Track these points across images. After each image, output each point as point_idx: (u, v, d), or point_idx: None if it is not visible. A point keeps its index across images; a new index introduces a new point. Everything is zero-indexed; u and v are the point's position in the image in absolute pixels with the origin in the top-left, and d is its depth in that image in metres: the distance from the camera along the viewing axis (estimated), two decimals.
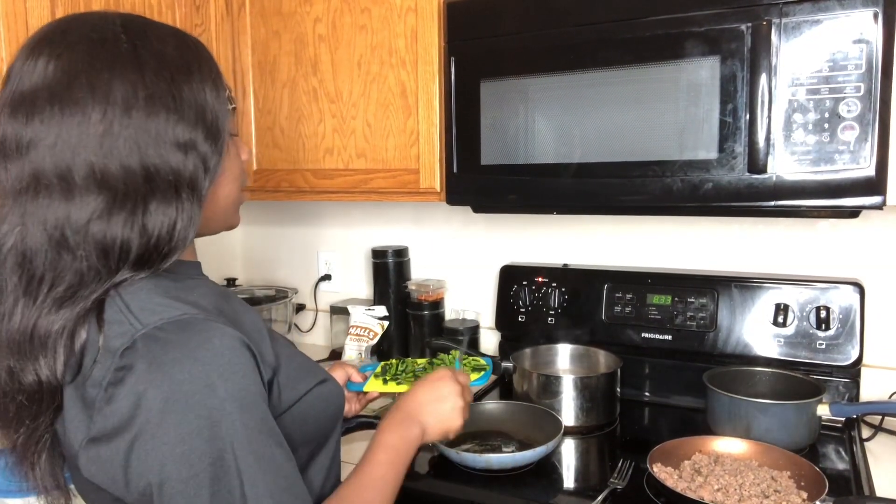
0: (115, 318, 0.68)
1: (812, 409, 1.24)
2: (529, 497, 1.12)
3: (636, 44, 1.22)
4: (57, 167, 0.67)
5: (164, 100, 0.70)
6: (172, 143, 0.71)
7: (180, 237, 0.72)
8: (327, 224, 2.06)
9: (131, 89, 0.69)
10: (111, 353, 0.66)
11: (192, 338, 0.66)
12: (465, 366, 1.32)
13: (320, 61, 1.59)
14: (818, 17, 1.09)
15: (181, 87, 0.72)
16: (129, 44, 0.70)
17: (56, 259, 0.68)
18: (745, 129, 1.15)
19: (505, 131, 1.36)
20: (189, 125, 0.72)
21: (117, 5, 1.40)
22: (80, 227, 0.68)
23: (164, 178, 0.70)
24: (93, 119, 0.67)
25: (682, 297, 1.49)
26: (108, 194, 0.68)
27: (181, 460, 0.63)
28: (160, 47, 0.72)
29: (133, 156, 0.68)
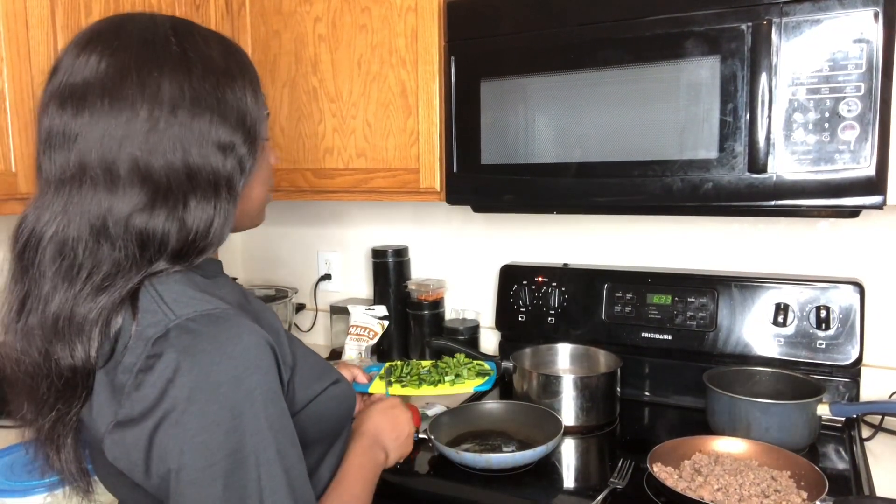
0: (149, 307, 0.70)
1: (812, 409, 1.24)
2: (529, 497, 1.12)
3: (636, 43, 1.22)
4: (103, 160, 0.70)
5: (208, 102, 0.73)
6: (214, 144, 0.74)
7: (216, 234, 0.75)
8: (327, 224, 2.06)
9: (178, 90, 0.72)
10: (143, 341, 0.68)
11: (222, 332, 0.68)
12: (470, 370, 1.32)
13: (320, 61, 1.59)
14: (818, 17, 1.09)
15: (225, 90, 0.75)
16: (179, 46, 0.74)
17: (96, 248, 0.71)
18: (745, 129, 1.15)
19: (505, 131, 1.36)
20: (230, 128, 0.75)
21: (117, 5, 1.40)
22: (122, 219, 0.70)
23: (204, 176, 0.73)
24: (140, 116, 0.70)
25: (682, 297, 1.49)
26: (150, 189, 0.71)
27: (200, 449, 0.65)
28: (207, 51, 0.76)
29: (177, 153, 0.72)
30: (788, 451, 1.15)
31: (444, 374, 1.30)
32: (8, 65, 1.21)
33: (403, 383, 1.27)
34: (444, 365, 1.33)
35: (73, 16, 1.31)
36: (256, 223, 0.89)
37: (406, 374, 1.31)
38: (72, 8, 1.31)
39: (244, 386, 0.66)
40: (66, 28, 1.30)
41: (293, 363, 0.78)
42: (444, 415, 1.34)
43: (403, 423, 1.03)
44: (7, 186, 1.22)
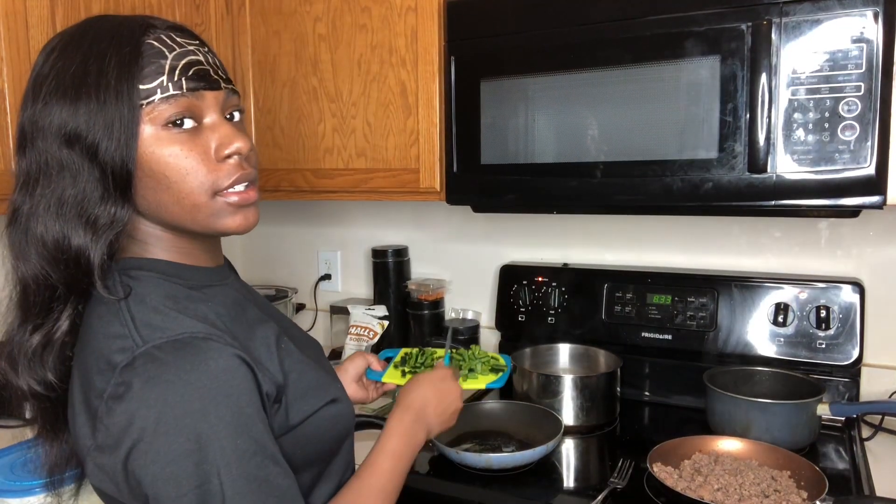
0: (120, 332, 0.69)
1: (812, 409, 1.24)
2: (529, 497, 1.12)
3: (636, 43, 1.22)
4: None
5: (59, 95, 0.71)
6: (56, 136, 0.71)
7: (73, 249, 0.71)
8: (327, 224, 2.06)
9: (42, 90, 0.73)
10: (112, 368, 0.67)
11: (187, 359, 0.66)
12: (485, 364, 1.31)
13: (320, 61, 1.59)
14: (818, 17, 1.09)
15: (75, 82, 0.71)
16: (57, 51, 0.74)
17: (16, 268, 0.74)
18: (745, 129, 1.15)
19: (505, 131, 1.36)
20: (70, 117, 0.70)
21: (117, 5, 1.40)
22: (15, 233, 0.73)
23: (48, 177, 0.71)
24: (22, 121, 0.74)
25: (682, 297, 1.49)
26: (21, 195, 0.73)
27: (170, 479, 0.64)
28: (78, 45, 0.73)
29: (31, 153, 0.72)
30: (788, 450, 1.15)
31: (457, 366, 1.29)
32: (8, 65, 1.21)
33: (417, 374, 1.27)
34: (459, 357, 1.32)
35: (72, 16, 1.31)
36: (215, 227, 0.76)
37: (420, 364, 1.30)
38: (72, 8, 1.31)
39: (209, 417, 0.65)
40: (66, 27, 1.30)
41: (283, 381, 0.76)
42: None
43: (453, 397, 0.99)
44: (7, 186, 1.22)
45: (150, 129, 0.71)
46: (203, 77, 0.73)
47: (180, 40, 0.74)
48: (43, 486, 1.09)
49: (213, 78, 0.75)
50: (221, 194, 0.74)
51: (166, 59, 0.71)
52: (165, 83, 0.71)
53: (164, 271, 0.76)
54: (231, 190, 0.75)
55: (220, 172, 0.74)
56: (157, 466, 0.64)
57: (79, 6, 1.33)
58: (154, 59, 0.71)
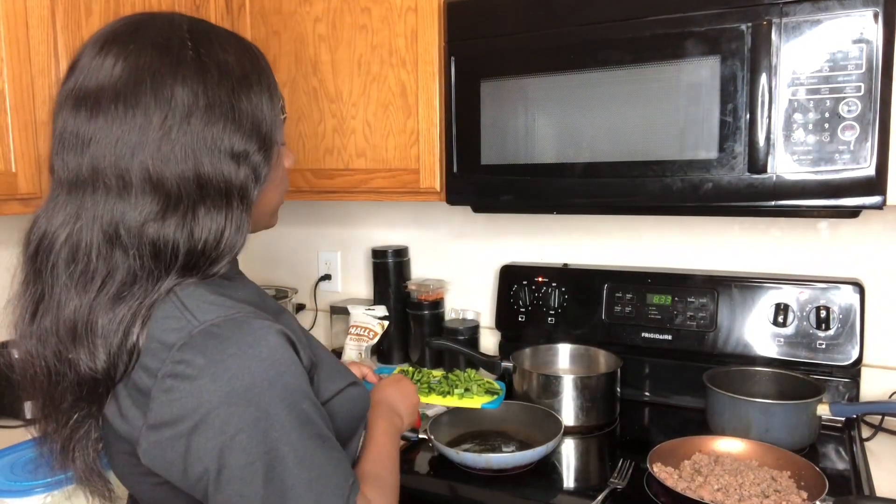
0: (172, 313, 0.71)
1: (812, 409, 1.24)
2: (529, 497, 1.12)
3: (636, 44, 1.22)
4: (115, 166, 0.70)
5: (222, 109, 0.73)
6: (227, 153, 0.74)
7: (228, 244, 0.75)
8: (327, 224, 2.06)
9: (192, 97, 0.72)
10: (167, 347, 0.69)
11: (247, 335, 0.69)
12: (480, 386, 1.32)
13: (320, 61, 1.59)
14: (818, 17, 1.09)
15: (240, 97, 0.75)
16: (194, 51, 0.73)
17: (109, 255, 0.71)
18: (745, 129, 1.15)
19: (505, 131, 1.36)
20: (244, 136, 0.75)
21: (117, 5, 1.40)
22: (134, 227, 0.71)
23: (215, 185, 0.73)
24: (153, 122, 0.70)
25: (682, 297, 1.49)
26: (162, 197, 0.71)
27: (239, 449, 0.66)
28: (223, 56, 0.75)
29: (188, 162, 0.71)
30: (788, 451, 1.15)
31: (453, 386, 1.30)
32: (8, 65, 1.21)
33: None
34: (455, 378, 1.33)
35: (73, 16, 1.31)
36: (270, 225, 0.89)
37: (416, 382, 1.31)
38: (72, 8, 1.31)
39: (277, 385, 0.68)
40: (66, 28, 1.30)
41: (316, 361, 0.79)
42: (444, 415, 1.34)
43: (411, 392, 1.08)
44: (7, 186, 1.22)
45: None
46: None
47: None
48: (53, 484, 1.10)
49: None
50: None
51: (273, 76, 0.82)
52: (282, 100, 0.83)
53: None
54: None
55: (289, 181, 0.89)
56: (226, 437, 0.66)
57: (79, 6, 1.33)
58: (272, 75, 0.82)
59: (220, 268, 0.76)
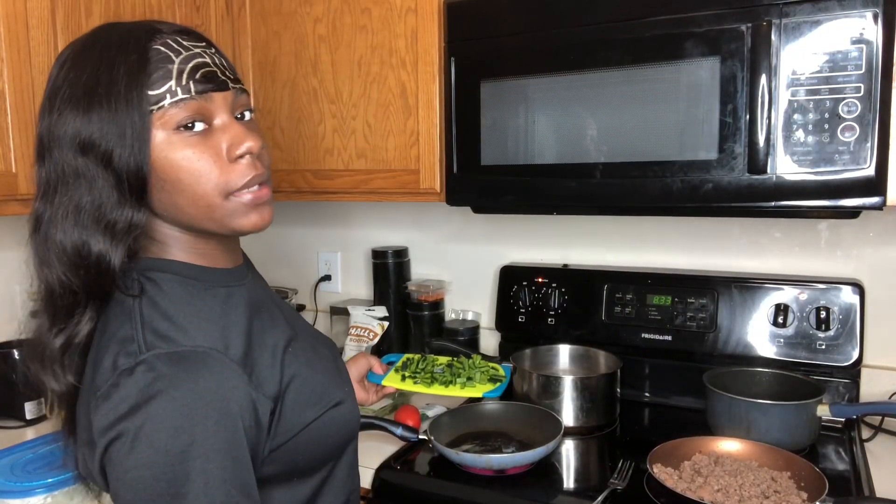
0: (129, 334, 0.70)
1: (812, 410, 1.24)
2: (529, 497, 1.12)
3: (636, 44, 1.22)
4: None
5: (73, 104, 0.71)
6: (71, 145, 0.71)
7: (94, 255, 0.72)
8: (327, 224, 2.06)
9: (57, 99, 0.73)
10: (115, 370, 0.69)
11: (181, 375, 0.67)
12: (483, 374, 1.31)
13: (320, 61, 1.59)
14: (818, 18, 1.09)
15: (88, 91, 0.71)
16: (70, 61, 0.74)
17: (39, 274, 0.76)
18: (745, 130, 1.15)
19: (505, 132, 1.36)
20: (84, 125, 0.70)
21: (117, 5, 1.40)
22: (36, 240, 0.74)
23: (65, 185, 0.72)
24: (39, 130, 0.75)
25: (682, 298, 1.49)
26: (40, 203, 0.74)
27: (131, 484, 0.65)
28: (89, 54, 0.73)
29: (49, 161, 0.73)
30: (788, 451, 1.15)
31: (456, 375, 1.30)
32: (8, 65, 1.21)
33: (416, 380, 1.28)
34: (459, 365, 1.34)
35: (73, 16, 1.32)
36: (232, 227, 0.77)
37: (421, 370, 1.31)
38: (72, 8, 1.31)
39: (182, 438, 0.65)
40: (66, 28, 1.30)
41: (279, 391, 0.76)
42: (444, 415, 1.34)
43: None
44: (7, 186, 1.22)
45: (162, 133, 0.72)
46: (211, 79, 0.74)
47: (186, 43, 0.74)
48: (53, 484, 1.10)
49: (221, 79, 0.75)
50: (235, 194, 0.75)
51: (173, 63, 0.72)
52: (174, 88, 0.71)
53: (180, 272, 0.77)
54: (245, 190, 0.76)
55: (232, 173, 0.74)
56: (121, 469, 0.66)
57: (79, 7, 1.33)
58: (161, 64, 0.72)
59: (106, 288, 0.73)
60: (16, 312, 1.57)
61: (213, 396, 0.67)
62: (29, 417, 1.47)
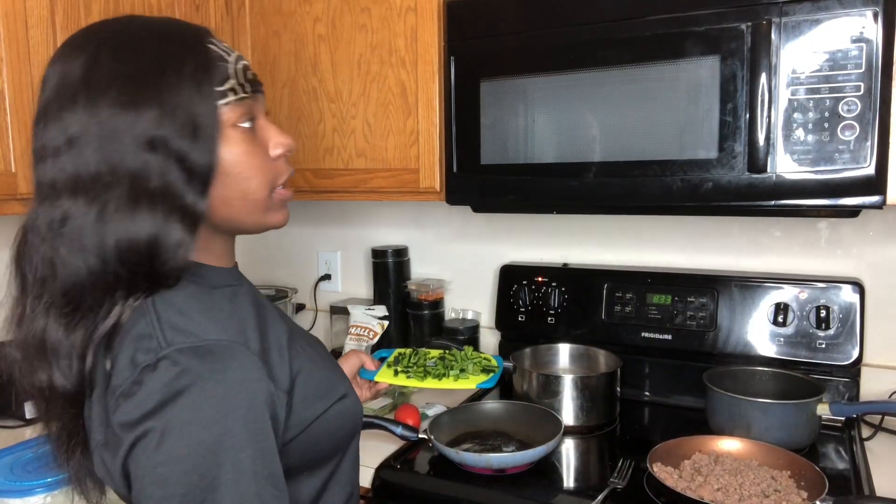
0: (146, 331, 0.70)
1: (812, 409, 1.24)
2: (529, 496, 1.12)
3: (636, 43, 1.22)
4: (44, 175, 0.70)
5: (131, 98, 0.69)
6: (136, 142, 0.69)
7: (167, 246, 0.70)
8: (327, 224, 2.06)
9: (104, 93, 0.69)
10: (134, 367, 0.68)
11: (206, 368, 0.67)
12: (476, 364, 1.31)
13: (320, 61, 1.59)
14: (818, 17, 1.09)
15: (150, 85, 0.70)
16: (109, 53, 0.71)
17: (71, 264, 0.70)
18: (745, 129, 1.15)
19: (505, 131, 1.36)
20: (153, 122, 0.69)
21: (117, 5, 1.40)
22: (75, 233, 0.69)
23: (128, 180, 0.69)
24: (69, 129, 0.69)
25: (682, 297, 1.49)
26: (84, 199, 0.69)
27: (159, 481, 0.64)
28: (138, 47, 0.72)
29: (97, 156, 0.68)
30: (788, 450, 1.15)
31: (449, 367, 1.30)
32: (8, 65, 1.21)
33: (409, 374, 1.28)
34: (451, 357, 1.33)
35: (72, 16, 1.31)
36: (268, 224, 0.81)
37: (413, 364, 1.31)
38: (72, 8, 1.31)
39: (214, 429, 0.65)
40: (66, 28, 1.30)
41: (290, 385, 0.76)
42: (444, 415, 1.34)
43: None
44: (7, 186, 1.22)
45: (225, 129, 0.74)
46: (256, 80, 0.78)
47: (224, 45, 0.78)
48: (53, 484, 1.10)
49: (259, 81, 0.80)
50: (275, 191, 0.80)
51: (229, 62, 0.75)
52: (235, 86, 0.74)
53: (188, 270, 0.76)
54: (281, 187, 0.80)
55: (276, 170, 0.79)
56: (149, 465, 0.65)
57: (79, 6, 1.33)
58: (221, 62, 0.74)
59: (171, 279, 0.72)
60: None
61: (241, 388, 0.67)
62: (29, 417, 1.47)
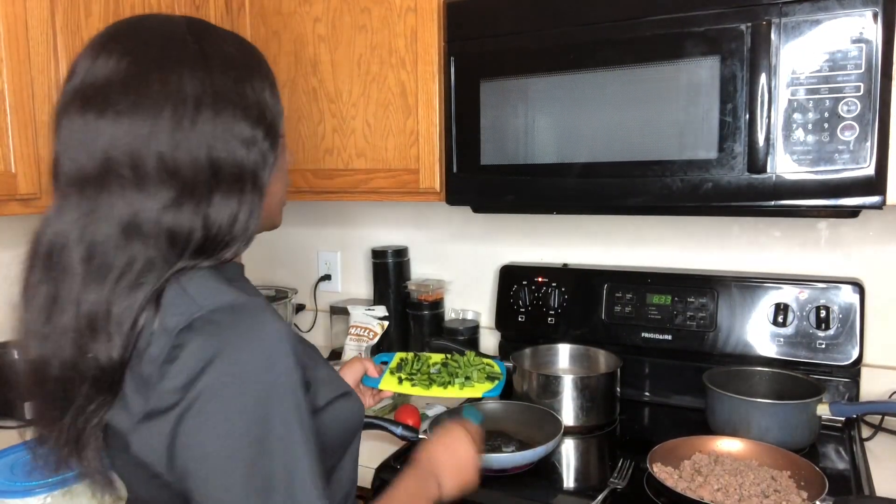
0: (174, 300, 0.71)
1: (812, 409, 1.24)
2: (529, 497, 1.12)
3: (636, 44, 1.22)
4: (130, 158, 0.70)
5: (230, 97, 0.74)
6: (238, 139, 0.75)
7: (240, 228, 0.76)
8: (327, 224, 2.06)
9: (200, 86, 0.72)
10: (168, 333, 0.68)
11: (245, 321, 0.69)
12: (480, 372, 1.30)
13: (320, 61, 1.59)
14: (818, 17, 1.09)
15: (244, 86, 0.76)
16: (196, 44, 0.75)
17: (127, 247, 0.71)
18: (744, 129, 1.15)
19: (505, 131, 1.36)
20: (252, 122, 0.76)
21: (117, 5, 1.40)
22: (152, 217, 0.71)
23: (228, 171, 0.74)
24: (164, 114, 0.71)
25: (682, 297, 1.49)
26: (177, 185, 0.71)
27: (224, 438, 0.65)
28: (225, 48, 0.77)
29: (201, 149, 0.72)
30: (788, 451, 1.15)
31: (454, 375, 1.29)
32: (8, 65, 1.21)
33: (413, 382, 1.27)
34: (455, 364, 1.32)
35: (72, 16, 1.32)
36: (275, 224, 0.90)
37: (416, 371, 1.31)
38: (72, 8, 1.31)
39: (269, 376, 0.67)
40: (66, 28, 1.30)
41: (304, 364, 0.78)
42: (444, 415, 1.34)
43: (466, 457, 0.98)
44: (7, 186, 1.22)
45: None
46: None
47: None
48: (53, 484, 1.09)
49: None
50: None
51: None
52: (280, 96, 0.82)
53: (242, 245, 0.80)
54: None
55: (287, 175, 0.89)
56: (210, 425, 0.65)
57: (79, 6, 1.33)
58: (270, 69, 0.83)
59: (232, 252, 0.77)
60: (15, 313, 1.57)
61: (279, 340, 0.69)
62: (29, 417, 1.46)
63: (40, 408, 0.78)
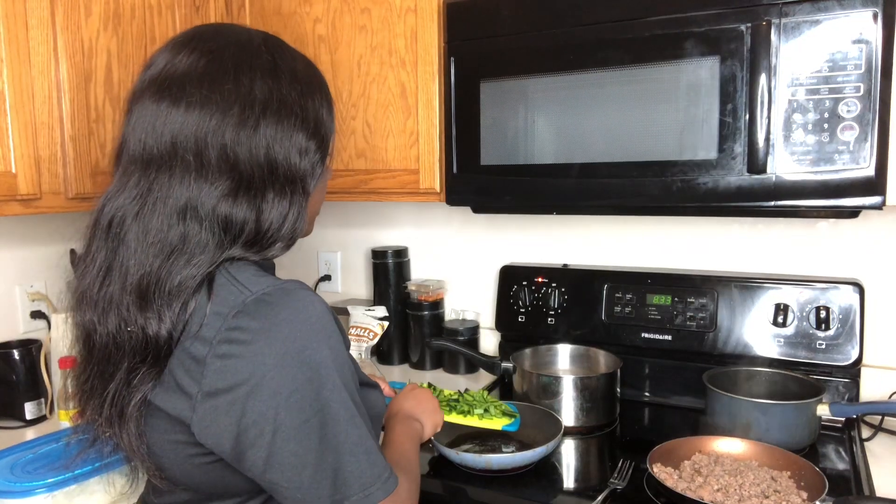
0: (224, 286, 0.76)
1: (812, 409, 1.24)
2: (529, 497, 1.12)
3: (636, 44, 1.22)
4: (196, 146, 0.76)
5: (293, 108, 0.81)
6: (294, 146, 0.82)
7: (289, 228, 0.82)
8: (327, 225, 2.06)
9: (268, 92, 0.79)
10: (221, 316, 0.73)
11: (296, 301, 0.74)
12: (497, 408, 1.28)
13: (320, 62, 1.59)
14: (818, 18, 1.09)
15: (307, 100, 0.84)
16: (269, 55, 0.82)
17: (182, 228, 0.76)
18: (744, 130, 1.15)
19: (505, 132, 1.36)
20: (308, 134, 0.83)
21: (117, 6, 1.40)
22: (209, 204, 0.76)
23: (282, 173, 0.81)
24: (233, 111, 0.77)
25: (682, 297, 1.49)
26: (236, 178, 0.77)
27: (294, 408, 0.71)
28: (293, 64, 0.84)
29: (261, 149, 0.78)
30: (788, 451, 1.15)
31: (472, 406, 1.27)
32: (8, 66, 1.21)
33: None
34: (470, 397, 1.29)
35: (72, 16, 1.32)
36: (308, 232, 0.93)
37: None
38: (72, 9, 1.31)
39: (323, 350, 0.73)
40: (66, 29, 1.30)
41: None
42: None
43: (426, 397, 1.10)
44: (7, 187, 1.22)
45: None
46: None
47: None
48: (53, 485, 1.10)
49: None
50: None
51: None
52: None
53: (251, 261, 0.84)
54: None
55: None
56: (282, 397, 0.70)
57: (79, 7, 1.33)
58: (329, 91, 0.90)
59: (279, 249, 0.83)
60: (16, 313, 1.57)
61: (328, 316, 0.76)
62: (29, 417, 1.47)
63: (85, 377, 0.81)
